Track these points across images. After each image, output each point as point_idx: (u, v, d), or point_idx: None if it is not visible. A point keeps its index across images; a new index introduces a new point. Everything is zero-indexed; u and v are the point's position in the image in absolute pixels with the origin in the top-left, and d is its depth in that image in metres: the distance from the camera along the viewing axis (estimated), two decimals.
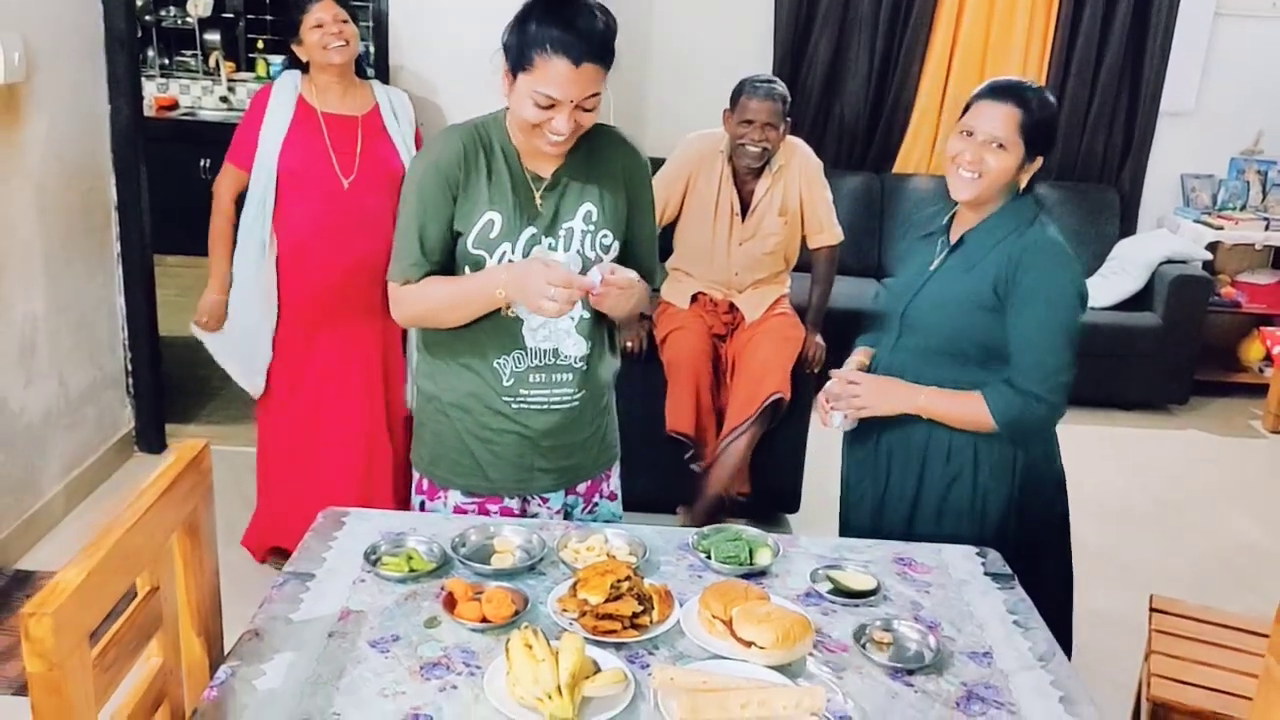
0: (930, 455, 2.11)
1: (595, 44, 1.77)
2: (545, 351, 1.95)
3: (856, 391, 2.10)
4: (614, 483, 2.17)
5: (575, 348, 1.97)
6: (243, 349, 3.14)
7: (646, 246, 2.08)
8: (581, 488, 2.10)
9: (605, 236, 1.96)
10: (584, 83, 1.78)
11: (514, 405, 1.96)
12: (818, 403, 2.19)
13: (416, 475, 2.09)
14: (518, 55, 1.80)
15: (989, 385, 2.02)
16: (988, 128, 2.00)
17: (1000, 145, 1.99)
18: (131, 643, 1.29)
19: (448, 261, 1.94)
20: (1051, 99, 2.06)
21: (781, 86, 3.37)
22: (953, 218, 2.15)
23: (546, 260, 1.82)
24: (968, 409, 2.02)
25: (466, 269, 1.92)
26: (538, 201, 1.93)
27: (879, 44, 5.24)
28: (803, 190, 3.47)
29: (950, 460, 2.09)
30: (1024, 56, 5.26)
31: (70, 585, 1.11)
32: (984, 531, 2.08)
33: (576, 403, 1.99)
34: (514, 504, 2.04)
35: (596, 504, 2.13)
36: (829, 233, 3.55)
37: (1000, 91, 2.02)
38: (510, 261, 1.89)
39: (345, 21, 2.98)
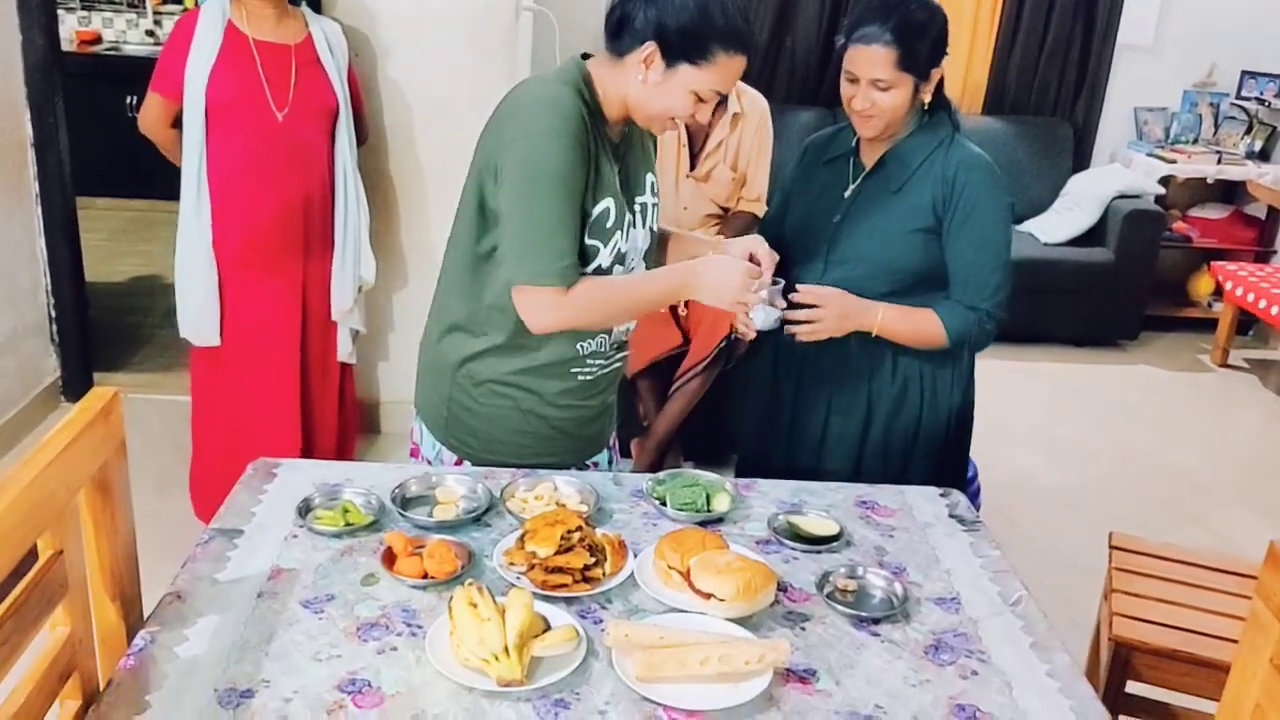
0: (877, 380, 2.07)
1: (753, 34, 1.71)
2: (620, 329, 1.86)
3: (819, 315, 1.93)
4: None
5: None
6: (191, 298, 2.95)
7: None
8: (611, 439, 2.03)
9: (659, 206, 1.86)
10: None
11: (580, 377, 1.83)
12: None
13: (453, 459, 1.90)
14: (688, 47, 1.63)
15: (938, 302, 1.99)
16: (867, 72, 1.90)
17: (884, 87, 1.90)
18: (33, 611, 1.17)
19: None
20: (930, 9, 1.93)
21: None
22: (859, 140, 2.06)
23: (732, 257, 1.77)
24: (922, 326, 1.99)
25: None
26: (615, 176, 1.76)
27: None
28: (753, 152, 3.35)
29: (895, 380, 2.07)
30: None
31: None
32: (923, 462, 2.08)
33: (622, 364, 1.94)
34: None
35: (611, 451, 2.07)
36: (759, 204, 3.43)
37: (870, 28, 1.89)
38: (622, 252, 1.76)
39: None
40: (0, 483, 1.11)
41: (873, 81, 1.90)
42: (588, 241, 1.71)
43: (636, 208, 1.81)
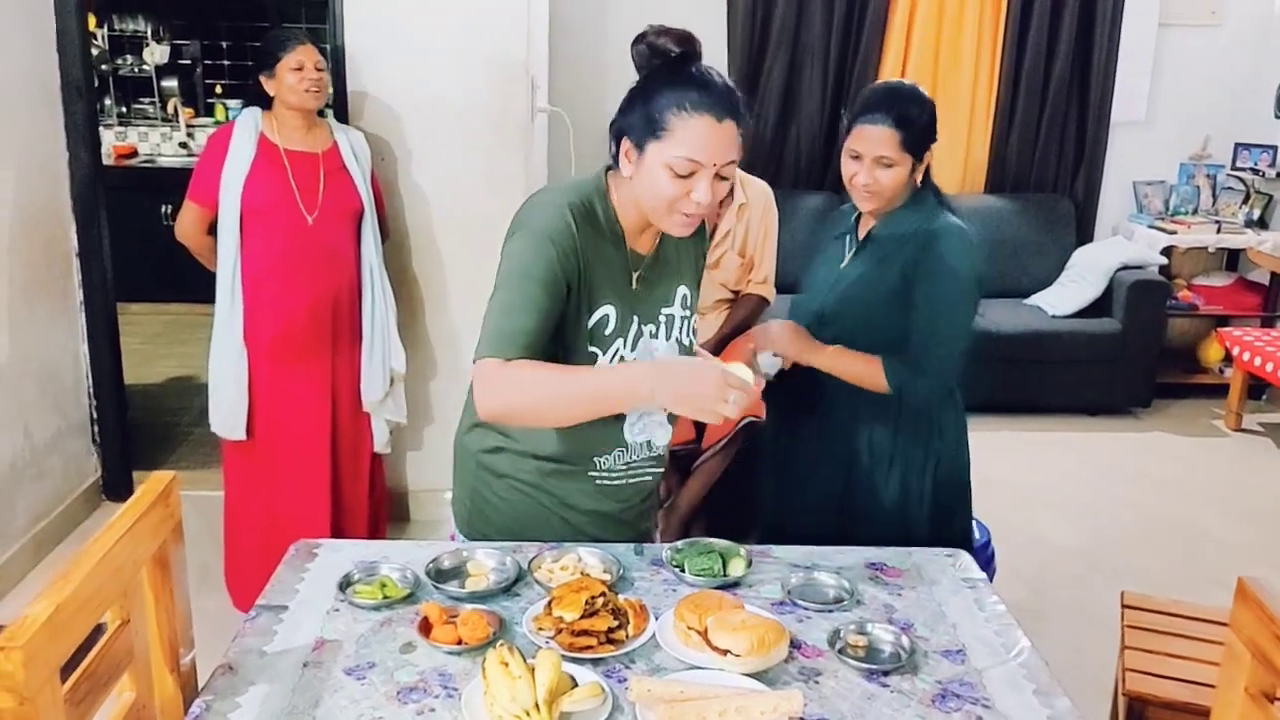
0: (857, 451, 2.20)
1: (731, 98, 1.66)
2: (640, 444, 1.88)
3: (774, 326, 2.20)
4: None
5: (664, 436, 1.91)
6: (224, 394, 3.10)
7: None
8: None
9: (694, 319, 1.91)
10: (726, 142, 1.65)
11: (599, 482, 1.88)
12: (744, 358, 2.14)
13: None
14: (645, 125, 1.66)
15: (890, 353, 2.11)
16: (873, 149, 2.07)
17: (888, 164, 2.07)
18: (103, 677, 1.28)
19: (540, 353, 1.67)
20: (925, 100, 2.12)
21: None
22: (859, 216, 2.24)
23: (712, 362, 1.66)
24: (866, 369, 2.11)
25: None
26: (634, 285, 1.81)
27: (832, 66, 5.33)
28: (759, 237, 3.48)
29: (873, 454, 2.19)
30: (974, 73, 5.37)
31: (39, 619, 1.11)
32: (906, 533, 2.16)
33: (653, 478, 1.97)
34: None
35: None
36: (767, 287, 3.52)
37: (876, 113, 2.07)
38: (623, 359, 1.77)
39: (322, 70, 3.03)
40: (76, 558, 1.23)
41: (877, 159, 2.07)
42: (588, 348, 1.76)
43: (661, 319, 1.86)
